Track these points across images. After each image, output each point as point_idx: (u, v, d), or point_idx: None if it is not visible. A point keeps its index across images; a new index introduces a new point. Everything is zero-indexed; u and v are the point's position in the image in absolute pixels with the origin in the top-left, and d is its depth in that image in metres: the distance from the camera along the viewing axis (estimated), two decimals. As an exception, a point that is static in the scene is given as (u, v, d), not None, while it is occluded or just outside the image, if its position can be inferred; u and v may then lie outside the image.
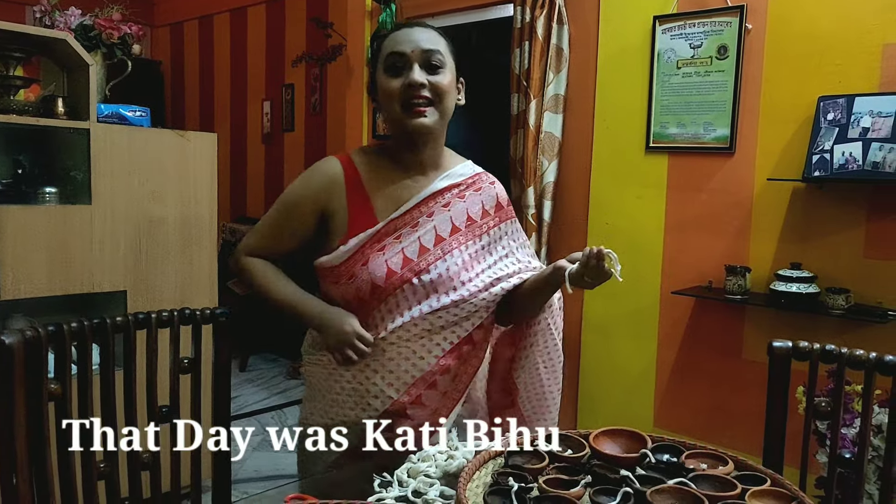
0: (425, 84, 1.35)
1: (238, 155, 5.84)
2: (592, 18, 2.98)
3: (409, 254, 1.38)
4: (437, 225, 1.41)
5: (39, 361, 1.27)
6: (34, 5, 2.56)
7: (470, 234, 1.44)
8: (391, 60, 1.37)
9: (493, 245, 1.48)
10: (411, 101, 1.35)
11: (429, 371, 1.40)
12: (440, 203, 1.43)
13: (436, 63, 1.36)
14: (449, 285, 1.38)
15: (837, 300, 2.29)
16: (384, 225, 1.38)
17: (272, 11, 5.45)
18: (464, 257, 1.42)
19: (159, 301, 2.59)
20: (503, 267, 1.47)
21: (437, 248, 1.40)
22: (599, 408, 3.05)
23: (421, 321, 1.38)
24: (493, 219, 1.49)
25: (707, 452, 1.10)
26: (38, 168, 2.55)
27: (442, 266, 1.39)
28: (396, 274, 1.36)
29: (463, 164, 1.51)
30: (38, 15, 2.55)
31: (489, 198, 1.50)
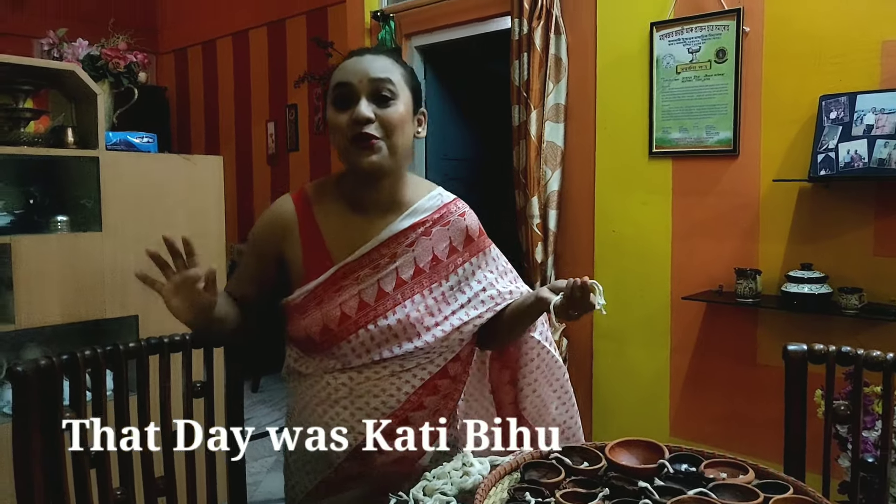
0: (372, 119, 1.23)
1: (244, 176, 5.88)
2: (590, 27, 2.99)
3: (367, 298, 1.29)
4: (399, 267, 1.32)
5: (54, 390, 1.28)
6: (41, 38, 2.60)
7: (435, 275, 1.34)
8: (338, 91, 1.26)
9: (466, 282, 1.37)
10: (358, 137, 1.24)
11: (399, 408, 1.32)
12: (403, 243, 1.33)
13: (386, 94, 1.25)
14: (411, 332, 1.30)
15: (850, 300, 2.27)
16: (338, 268, 1.30)
17: (273, 33, 5.50)
18: (427, 302, 1.32)
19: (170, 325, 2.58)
20: (477, 305, 1.36)
21: (397, 292, 1.31)
22: (614, 418, 3.03)
23: (390, 363, 1.31)
24: (463, 255, 1.38)
25: (726, 461, 1.09)
26: (49, 197, 2.57)
27: (401, 312, 1.30)
28: (350, 319, 1.29)
29: (429, 196, 1.38)
30: (45, 48, 2.58)
31: (457, 231, 1.38)
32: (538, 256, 3.05)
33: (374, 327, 1.29)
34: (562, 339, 3.09)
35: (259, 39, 5.63)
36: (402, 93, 1.28)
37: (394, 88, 1.26)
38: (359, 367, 1.31)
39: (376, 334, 1.29)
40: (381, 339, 1.30)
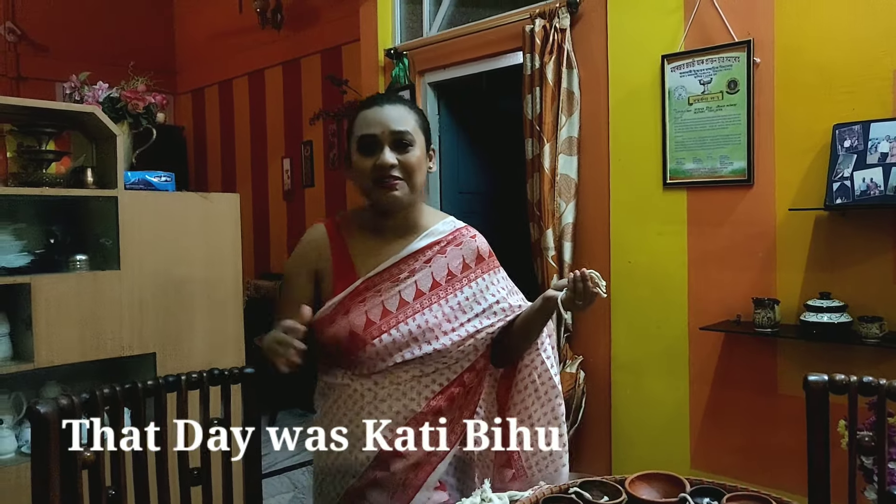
0: (395, 164, 1.43)
1: (260, 212, 5.95)
2: (601, 61, 3.03)
3: (389, 306, 1.47)
4: (419, 280, 1.49)
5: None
6: (64, 82, 2.67)
7: (451, 287, 1.51)
8: (363, 141, 1.45)
9: (481, 295, 1.54)
10: (382, 179, 1.43)
11: (420, 413, 1.46)
12: (422, 260, 1.51)
13: (406, 142, 1.44)
14: (430, 336, 1.46)
15: (871, 329, 2.24)
16: (363, 281, 1.47)
17: (288, 72, 5.61)
18: (444, 310, 1.49)
19: (188, 361, 2.61)
20: (490, 316, 1.52)
21: (417, 301, 1.48)
22: (633, 450, 2.99)
23: (411, 367, 1.46)
24: (475, 271, 1.55)
25: (749, 494, 1.07)
26: (70, 237, 2.61)
27: (420, 319, 1.46)
28: (375, 324, 1.45)
29: (443, 222, 1.58)
30: (67, 91, 2.65)
31: (470, 251, 1.56)
32: (553, 288, 3.05)
33: (397, 332, 1.45)
34: (579, 371, 3.07)
35: (274, 78, 5.74)
36: (417, 139, 1.47)
37: (411, 137, 1.46)
38: (383, 372, 1.46)
39: (398, 338, 1.45)
40: (402, 342, 1.45)
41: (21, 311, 2.32)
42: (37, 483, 1.23)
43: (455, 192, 3.84)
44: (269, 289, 5.37)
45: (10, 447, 2.31)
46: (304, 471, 3.84)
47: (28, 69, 6.04)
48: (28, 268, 2.40)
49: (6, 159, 2.49)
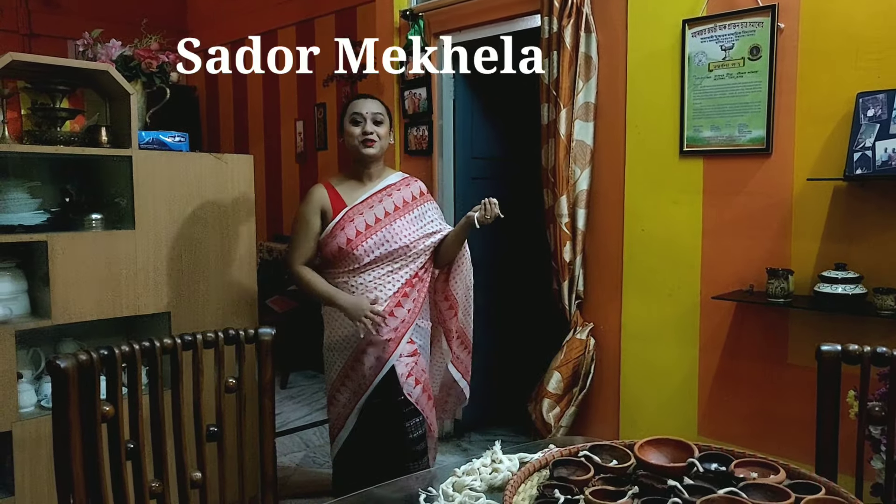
0: (372, 132, 2.41)
1: (273, 174, 5.94)
2: (620, 25, 2.97)
3: (369, 221, 2.42)
4: (385, 206, 2.46)
5: (92, 384, 1.31)
6: (76, 39, 2.65)
7: (405, 210, 2.49)
8: (353, 117, 2.43)
9: (422, 216, 2.53)
10: (365, 140, 2.41)
11: (395, 293, 2.43)
12: (385, 193, 2.48)
13: (379, 120, 2.44)
14: (398, 237, 2.42)
15: (886, 301, 2.23)
16: (351, 207, 2.43)
17: (302, 32, 5.55)
18: (403, 222, 2.46)
19: (202, 321, 2.64)
20: (430, 227, 2.52)
21: (387, 218, 2.44)
22: (641, 417, 3.01)
23: (388, 265, 2.43)
24: (419, 201, 2.55)
25: (757, 461, 1.08)
26: (85, 196, 2.63)
27: (390, 227, 2.43)
28: (362, 233, 2.40)
29: (396, 174, 2.58)
30: (80, 48, 2.64)
31: (415, 189, 2.57)
32: (566, 256, 3.04)
33: (377, 236, 2.41)
34: (589, 338, 3.08)
35: (288, 38, 5.68)
36: (385, 120, 2.47)
37: (382, 118, 2.46)
38: (368, 269, 2.41)
39: (377, 239, 2.41)
40: (380, 241, 2.41)
41: (38, 268, 2.34)
42: (58, 435, 1.26)
43: (468, 157, 3.81)
44: (282, 251, 5.40)
45: (30, 401, 2.36)
46: (315, 430, 3.91)
47: (39, 26, 6.01)
48: (44, 226, 2.42)
49: (20, 117, 2.49)
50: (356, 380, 2.44)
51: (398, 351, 2.41)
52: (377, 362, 2.40)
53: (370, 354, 2.39)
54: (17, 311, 2.32)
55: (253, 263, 2.87)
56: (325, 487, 3.19)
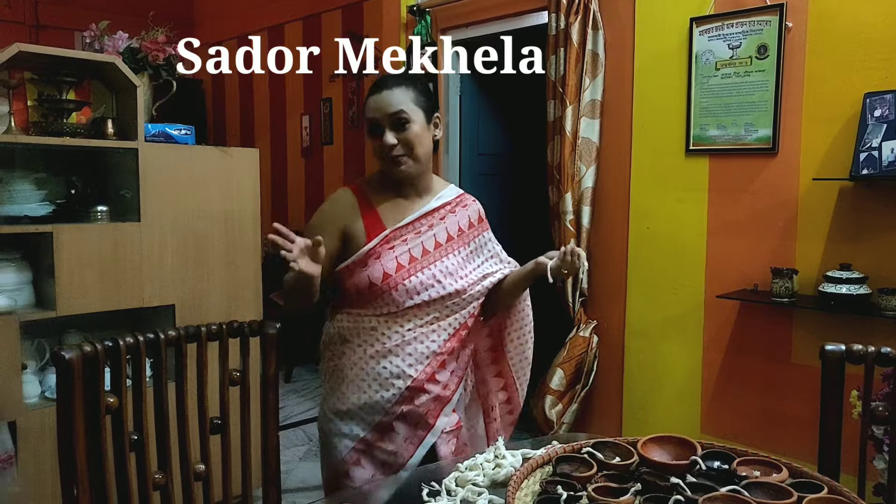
0: (395, 144, 1.64)
1: (279, 169, 5.95)
2: (628, 23, 2.97)
3: (415, 254, 1.71)
4: (436, 234, 1.75)
5: (96, 375, 1.31)
6: (83, 31, 2.65)
7: (460, 241, 1.79)
8: (369, 126, 1.68)
9: (480, 249, 1.84)
10: (388, 157, 1.66)
11: (439, 352, 1.70)
12: (437, 217, 1.76)
13: (402, 121, 1.64)
14: (450, 278, 1.72)
15: (891, 301, 2.22)
16: (392, 231, 1.70)
17: (309, 27, 5.54)
18: (458, 259, 1.77)
19: (206, 314, 2.65)
20: (489, 266, 1.83)
21: (437, 251, 1.74)
22: (645, 414, 3.01)
23: (432, 310, 1.70)
24: (476, 229, 1.84)
25: (759, 459, 1.08)
26: (90, 187, 2.63)
27: (441, 265, 1.72)
28: (404, 268, 1.68)
29: (449, 188, 1.84)
30: (87, 40, 2.64)
31: (473, 213, 1.85)
32: (570, 252, 3.04)
33: (422, 275, 1.69)
34: (592, 335, 3.08)
35: (294, 33, 5.68)
36: (414, 115, 1.66)
37: (406, 116, 1.65)
38: (407, 316, 1.69)
39: (424, 280, 1.69)
40: (427, 283, 1.69)
41: (43, 259, 2.35)
42: (62, 426, 1.27)
43: (474, 153, 3.80)
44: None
45: (34, 392, 2.37)
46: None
47: (46, 17, 6.01)
48: (50, 217, 2.43)
49: (27, 108, 2.50)
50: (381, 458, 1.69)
51: (439, 425, 1.71)
52: (412, 437, 1.70)
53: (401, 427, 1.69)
54: (21, 302, 2.33)
55: (258, 257, 2.87)
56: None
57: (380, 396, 1.67)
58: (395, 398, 1.67)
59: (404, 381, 1.67)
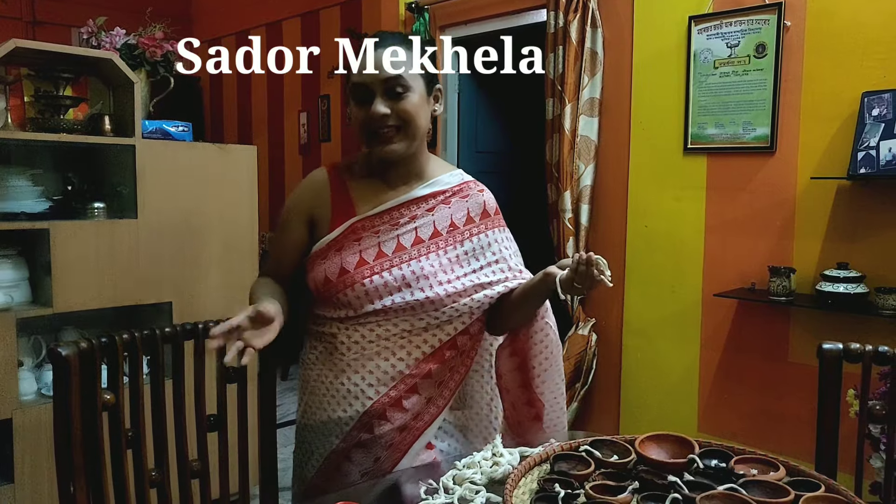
0: (388, 114, 1.34)
1: (276, 166, 5.94)
2: (626, 21, 2.96)
3: (385, 249, 1.41)
4: (419, 227, 1.43)
5: (93, 372, 1.31)
6: (81, 27, 2.64)
7: (451, 239, 1.44)
8: (355, 91, 1.36)
9: (480, 251, 1.47)
10: (376, 131, 1.36)
11: (409, 374, 1.40)
12: (424, 207, 1.44)
13: (399, 90, 1.35)
14: (424, 283, 1.39)
15: (888, 300, 2.23)
16: (360, 219, 1.41)
17: (307, 24, 5.53)
18: (441, 260, 1.42)
19: (203, 311, 2.64)
20: (489, 273, 1.45)
21: (414, 248, 1.41)
22: (642, 412, 3.01)
23: (400, 321, 1.39)
24: (479, 226, 1.48)
25: (757, 457, 1.08)
26: (87, 184, 2.62)
27: (416, 265, 1.39)
28: (367, 264, 1.39)
29: (451, 173, 1.51)
30: (84, 36, 2.63)
31: (476, 205, 1.49)
32: (569, 251, 3.04)
33: (389, 275, 1.38)
34: (591, 334, 3.08)
35: (293, 30, 5.67)
36: (414, 83, 1.36)
37: (405, 83, 1.35)
38: (370, 324, 1.39)
39: (390, 281, 1.38)
40: (393, 286, 1.38)
41: (40, 256, 2.34)
42: (58, 423, 1.26)
43: (473, 150, 3.80)
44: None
45: (30, 389, 2.36)
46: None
47: (43, 13, 5.99)
48: (46, 214, 2.42)
49: (23, 104, 2.48)
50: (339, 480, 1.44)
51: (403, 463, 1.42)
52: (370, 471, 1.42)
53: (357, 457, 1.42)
54: (18, 299, 2.32)
55: (255, 254, 2.86)
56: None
57: (337, 416, 1.42)
58: (351, 421, 1.41)
59: (363, 404, 1.40)
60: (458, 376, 1.47)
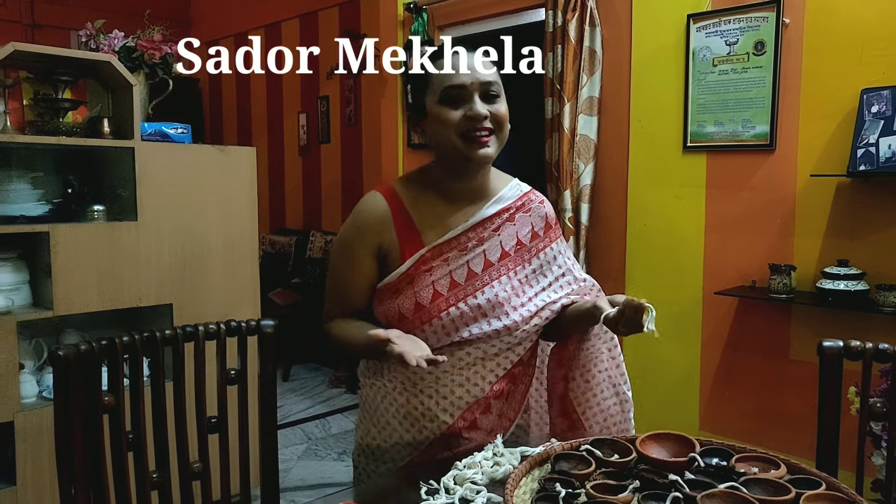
0: (487, 115, 1.32)
1: (276, 167, 5.94)
2: (625, 19, 2.96)
3: (457, 278, 1.36)
4: (487, 250, 1.39)
5: (94, 374, 1.31)
6: (79, 30, 2.64)
7: (519, 258, 1.42)
8: (449, 92, 1.33)
9: (547, 266, 1.46)
10: (473, 132, 1.32)
11: (483, 397, 1.39)
12: (490, 228, 1.40)
13: (494, 93, 1.34)
14: (499, 311, 1.36)
15: (888, 297, 2.23)
16: (430, 249, 1.36)
17: (306, 25, 5.54)
18: (513, 283, 1.39)
19: (204, 313, 2.64)
20: (557, 289, 1.44)
21: (486, 273, 1.38)
22: (642, 411, 2.98)
23: (474, 349, 1.37)
24: (544, 240, 1.46)
25: (758, 456, 1.08)
26: (87, 187, 2.63)
27: (490, 292, 1.36)
28: (442, 296, 1.35)
29: (510, 186, 1.47)
30: (83, 39, 2.63)
31: (538, 218, 1.47)
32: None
33: (465, 305, 1.35)
34: (591, 333, 3.07)
35: (291, 31, 5.67)
36: (502, 92, 1.37)
37: (499, 88, 1.36)
38: (445, 351, 1.35)
39: (466, 312, 1.35)
40: (469, 317, 1.35)
41: (40, 259, 2.35)
42: (59, 425, 1.26)
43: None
44: (284, 244, 5.41)
45: (31, 392, 2.36)
46: (316, 423, 3.91)
47: (42, 16, 6.00)
48: (46, 217, 2.42)
49: (22, 107, 2.49)
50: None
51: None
52: None
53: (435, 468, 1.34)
54: (18, 302, 2.32)
55: (255, 256, 2.87)
56: (326, 479, 3.20)
57: (411, 437, 1.40)
58: (427, 441, 1.39)
59: (438, 427, 1.38)
60: (523, 387, 1.47)
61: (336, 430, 3.83)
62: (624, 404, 1.55)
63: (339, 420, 3.97)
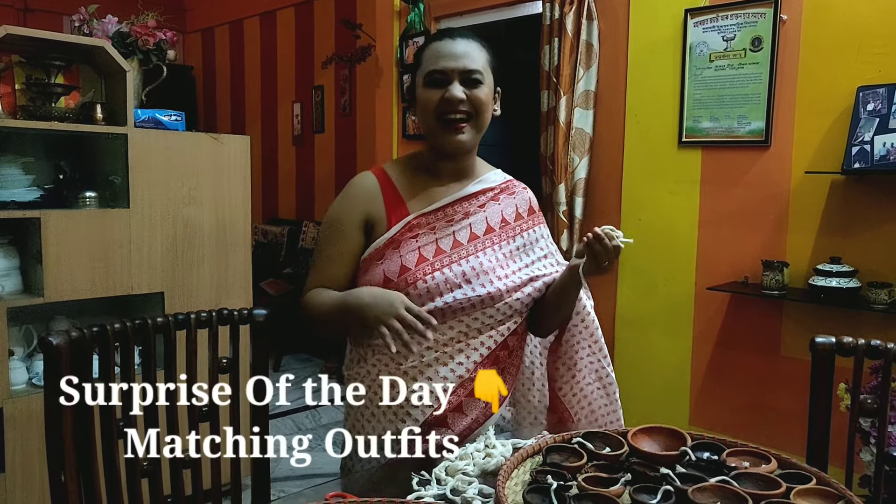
0: (464, 99, 1.37)
1: (269, 156, 5.91)
2: (622, 13, 2.95)
3: (443, 246, 1.41)
4: (473, 224, 1.45)
5: (84, 361, 1.30)
6: (72, 15, 2.62)
7: (504, 234, 1.48)
8: (432, 77, 1.39)
9: (530, 246, 1.51)
10: (449, 115, 1.38)
11: (468, 378, 1.40)
12: (475, 204, 1.47)
13: (475, 79, 1.39)
14: (483, 278, 1.39)
15: (880, 295, 2.24)
16: (417, 216, 1.41)
17: (301, 14, 5.50)
18: (497, 255, 1.44)
19: (195, 302, 2.63)
20: (541, 267, 1.49)
21: (471, 244, 1.43)
22: (633, 406, 3.01)
23: (457, 323, 1.38)
24: (527, 222, 1.52)
25: (749, 450, 1.09)
26: (79, 173, 2.60)
27: (475, 260, 1.41)
28: (427, 261, 1.39)
29: (494, 172, 1.55)
30: (76, 24, 2.60)
31: (523, 202, 1.54)
32: (563, 244, 3.04)
33: (449, 271, 1.39)
34: (583, 326, 3.08)
35: (287, 19, 5.64)
36: (486, 78, 1.41)
37: (481, 76, 1.40)
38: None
39: (450, 277, 1.38)
40: (454, 282, 1.38)
41: (31, 245, 2.33)
42: (49, 413, 1.25)
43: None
44: (277, 234, 5.39)
45: (21, 378, 2.35)
46: (307, 413, 3.91)
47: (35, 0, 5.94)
48: (37, 202, 2.40)
49: (14, 91, 2.46)
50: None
51: None
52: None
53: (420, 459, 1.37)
54: (9, 288, 2.30)
55: (248, 245, 2.85)
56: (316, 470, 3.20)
57: (395, 427, 1.40)
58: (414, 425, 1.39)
59: (423, 412, 1.39)
60: (510, 377, 1.48)
61: (326, 421, 3.82)
62: (608, 387, 1.61)
63: (329, 411, 3.97)
